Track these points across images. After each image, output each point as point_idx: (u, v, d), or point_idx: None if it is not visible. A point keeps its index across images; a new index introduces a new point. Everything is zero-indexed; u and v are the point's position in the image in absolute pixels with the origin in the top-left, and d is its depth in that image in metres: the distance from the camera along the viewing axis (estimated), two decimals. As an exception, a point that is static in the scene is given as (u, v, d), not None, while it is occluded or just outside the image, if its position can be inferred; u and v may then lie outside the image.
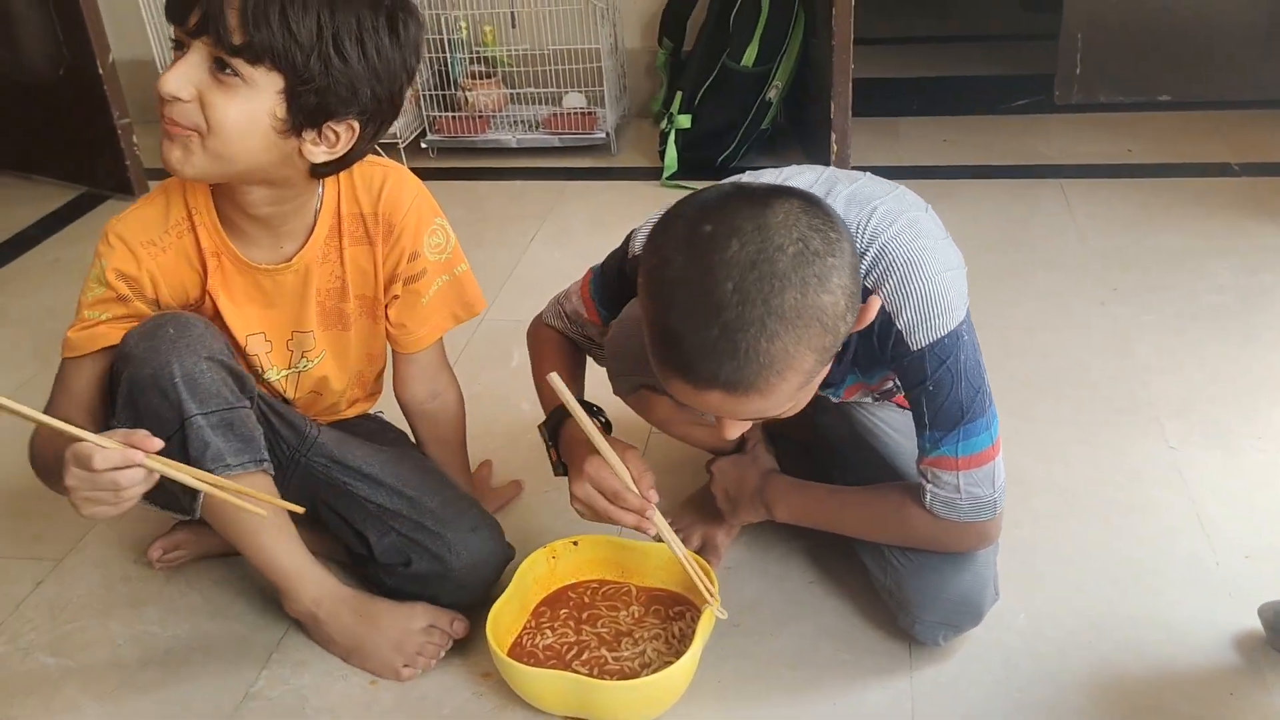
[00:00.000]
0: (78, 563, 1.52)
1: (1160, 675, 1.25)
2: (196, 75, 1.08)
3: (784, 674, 1.28)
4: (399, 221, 1.29)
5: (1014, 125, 2.86)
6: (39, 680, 1.33)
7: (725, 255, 0.95)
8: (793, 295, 0.94)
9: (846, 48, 2.34)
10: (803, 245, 0.95)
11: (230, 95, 1.08)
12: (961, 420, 1.13)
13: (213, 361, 1.19)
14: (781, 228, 0.96)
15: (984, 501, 1.17)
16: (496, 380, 1.40)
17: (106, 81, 2.53)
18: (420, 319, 1.37)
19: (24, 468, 1.71)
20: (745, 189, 1.01)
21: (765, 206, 0.97)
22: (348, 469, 1.34)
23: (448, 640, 1.31)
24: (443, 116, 2.83)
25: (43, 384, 1.93)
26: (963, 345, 1.12)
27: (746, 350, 0.95)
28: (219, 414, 1.18)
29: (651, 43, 2.95)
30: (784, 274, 0.94)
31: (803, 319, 0.95)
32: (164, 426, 1.16)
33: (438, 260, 1.34)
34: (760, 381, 0.97)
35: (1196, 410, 1.69)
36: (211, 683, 1.32)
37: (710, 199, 1.00)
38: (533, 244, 2.37)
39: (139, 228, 1.22)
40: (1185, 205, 2.35)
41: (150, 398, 1.16)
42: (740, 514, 1.39)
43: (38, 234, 2.53)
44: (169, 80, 1.08)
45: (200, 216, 1.22)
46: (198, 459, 1.17)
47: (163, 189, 1.24)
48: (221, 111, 1.09)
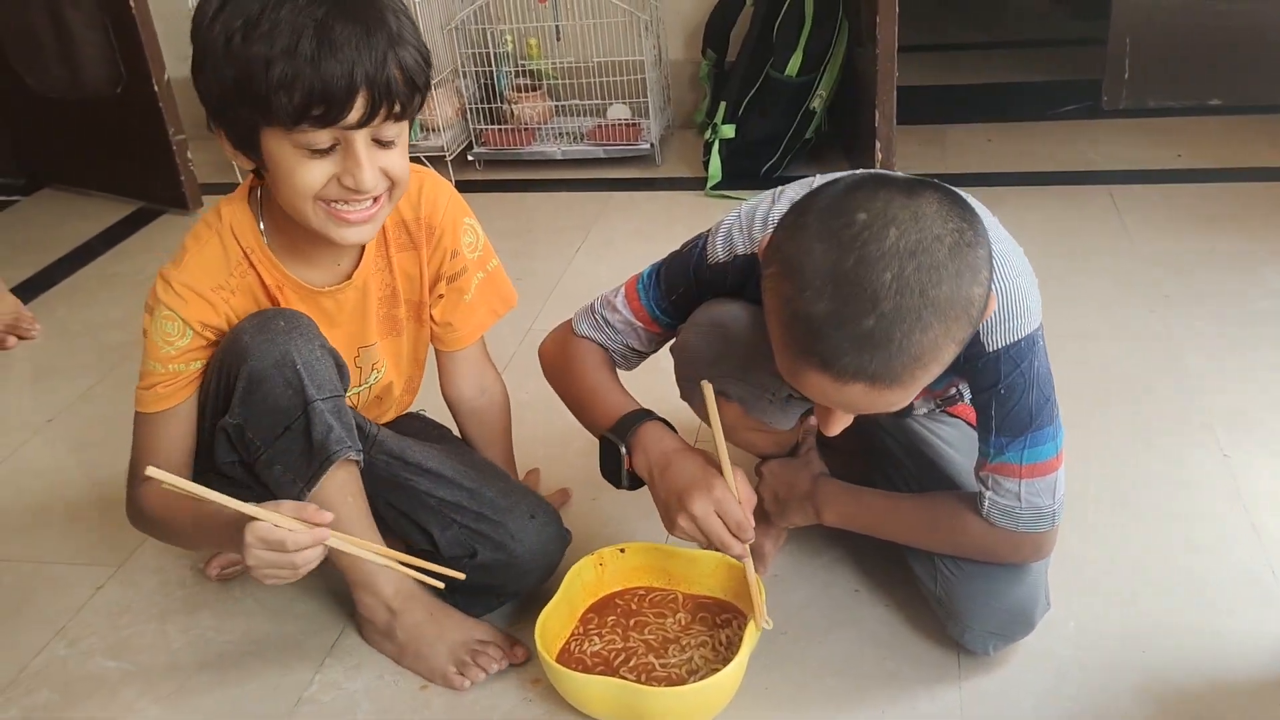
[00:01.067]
0: (135, 569, 1.55)
1: (1213, 687, 1.23)
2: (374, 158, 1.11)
3: (830, 682, 1.28)
4: (439, 222, 1.32)
5: (1061, 131, 2.84)
6: (99, 683, 1.36)
7: (884, 245, 0.93)
8: (949, 286, 0.93)
9: (890, 55, 2.33)
10: (958, 236, 0.94)
11: (397, 150, 1.14)
12: (1029, 427, 1.13)
13: (324, 349, 1.22)
14: (937, 218, 0.94)
15: (1044, 512, 1.17)
16: (543, 389, 1.41)
17: (162, 99, 2.59)
18: (464, 316, 1.39)
19: (82, 477, 1.77)
20: (888, 178, 0.99)
21: (917, 196, 0.96)
22: (409, 465, 1.35)
23: (504, 661, 1.32)
24: (489, 129, 2.86)
25: (99, 395, 1.99)
26: (1037, 351, 1.12)
27: (900, 342, 0.93)
28: (333, 400, 1.21)
29: (695, 54, 2.96)
30: (942, 265, 0.93)
31: (955, 310, 0.94)
32: (286, 414, 1.19)
33: (474, 257, 1.37)
34: (906, 374, 0.95)
35: (1250, 418, 1.67)
36: (266, 686, 1.34)
37: (858, 184, 0.98)
38: (578, 255, 2.38)
39: (203, 274, 1.21)
40: (1236, 210, 2.32)
41: (272, 386, 1.18)
42: (789, 516, 1.38)
43: (96, 248, 2.59)
44: (366, 182, 1.11)
45: (256, 255, 1.23)
46: (323, 442, 1.20)
47: (209, 230, 1.23)
48: (399, 166, 1.14)
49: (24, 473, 1.80)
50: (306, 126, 1.06)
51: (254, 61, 1.03)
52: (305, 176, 1.10)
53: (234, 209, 1.23)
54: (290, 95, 1.03)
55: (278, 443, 1.21)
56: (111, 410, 1.95)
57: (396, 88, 1.07)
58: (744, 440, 1.39)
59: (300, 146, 1.08)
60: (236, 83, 1.05)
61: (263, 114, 1.06)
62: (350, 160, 1.10)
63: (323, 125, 1.06)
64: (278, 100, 1.03)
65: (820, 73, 2.60)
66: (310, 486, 1.22)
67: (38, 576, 1.56)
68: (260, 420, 1.20)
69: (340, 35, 1.03)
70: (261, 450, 1.21)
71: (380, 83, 1.06)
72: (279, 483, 1.22)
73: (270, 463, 1.22)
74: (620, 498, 1.35)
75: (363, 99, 1.06)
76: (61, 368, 2.11)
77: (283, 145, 1.09)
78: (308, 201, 1.12)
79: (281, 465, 1.22)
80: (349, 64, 1.04)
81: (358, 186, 1.11)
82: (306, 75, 1.03)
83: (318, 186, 1.11)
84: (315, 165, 1.10)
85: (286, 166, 1.10)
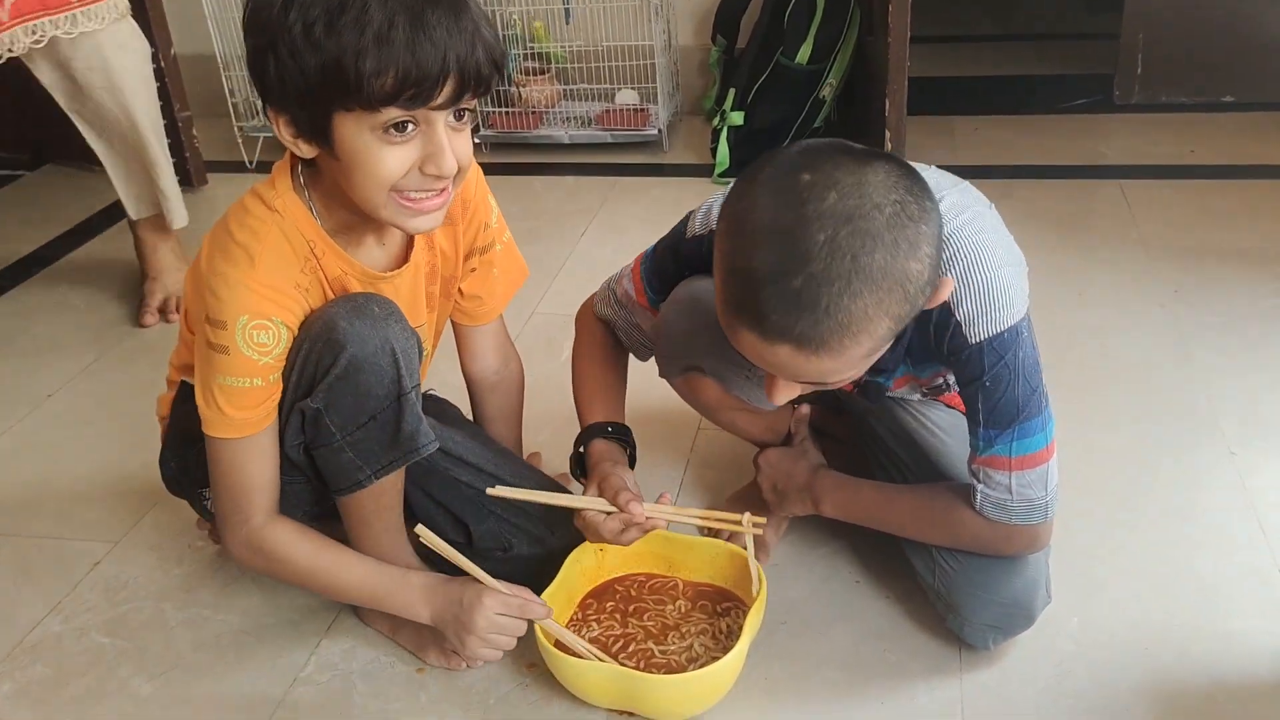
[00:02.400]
0: (133, 546, 1.54)
1: (1217, 685, 1.22)
2: (453, 140, 1.10)
3: (831, 674, 1.27)
4: (471, 195, 1.31)
5: (1073, 125, 2.82)
6: (94, 659, 1.36)
7: (821, 206, 0.93)
8: (883, 256, 0.93)
9: (902, 45, 2.31)
10: (900, 208, 0.94)
11: (466, 133, 1.12)
12: (1017, 419, 1.12)
13: (413, 336, 1.20)
14: (881, 187, 0.95)
15: (1037, 504, 1.16)
16: (548, 372, 1.40)
17: (168, 75, 2.57)
18: (492, 289, 1.39)
19: (81, 453, 1.76)
20: (846, 145, 0.99)
21: (866, 164, 0.96)
22: (449, 455, 1.32)
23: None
24: (496, 112, 2.84)
25: (100, 371, 1.98)
26: (1022, 342, 1.10)
27: (827, 306, 0.93)
28: (416, 389, 1.20)
29: (705, 40, 2.94)
30: (878, 233, 0.93)
31: (888, 281, 0.94)
32: (374, 403, 1.16)
33: (496, 227, 1.37)
34: (833, 340, 0.95)
35: (1259, 415, 1.66)
36: (262, 666, 1.33)
37: (811, 148, 0.99)
38: (584, 239, 2.37)
39: (282, 273, 1.14)
40: (1248, 207, 2.30)
41: (369, 375, 1.14)
42: (787, 507, 1.38)
43: (100, 224, 2.57)
44: (448, 166, 1.09)
45: (318, 246, 1.17)
46: (412, 434, 1.19)
47: (265, 225, 1.14)
48: (467, 151, 1.12)
49: (23, 448, 1.79)
50: (394, 109, 1.05)
51: (345, 50, 1.01)
52: (385, 164, 1.07)
53: (285, 199, 1.15)
54: (383, 80, 1.02)
55: (358, 431, 1.17)
56: (112, 386, 1.94)
57: (483, 69, 1.07)
58: (729, 421, 1.39)
59: (378, 129, 1.06)
60: (323, 71, 1.02)
61: (350, 100, 1.04)
62: (432, 145, 1.08)
63: (412, 107, 1.05)
64: (370, 86, 1.02)
65: (831, 61, 2.58)
66: (379, 476, 1.20)
67: (35, 551, 1.55)
68: (346, 407, 1.15)
69: (432, 19, 1.03)
70: (336, 438, 1.17)
71: (470, 65, 1.05)
72: (341, 468, 1.19)
73: (341, 449, 1.18)
74: (622, 483, 1.35)
75: (452, 81, 1.05)
76: (63, 343, 2.10)
77: (361, 131, 1.06)
78: (383, 191, 1.09)
79: (354, 453, 1.18)
80: (442, 47, 1.03)
81: (440, 171, 1.08)
82: (401, 60, 1.02)
83: (398, 175, 1.08)
84: (395, 153, 1.07)
85: (365, 154, 1.07)
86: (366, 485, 1.21)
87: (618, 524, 1.21)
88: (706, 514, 1.28)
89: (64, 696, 1.31)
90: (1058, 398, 1.16)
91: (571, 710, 1.24)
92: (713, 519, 1.28)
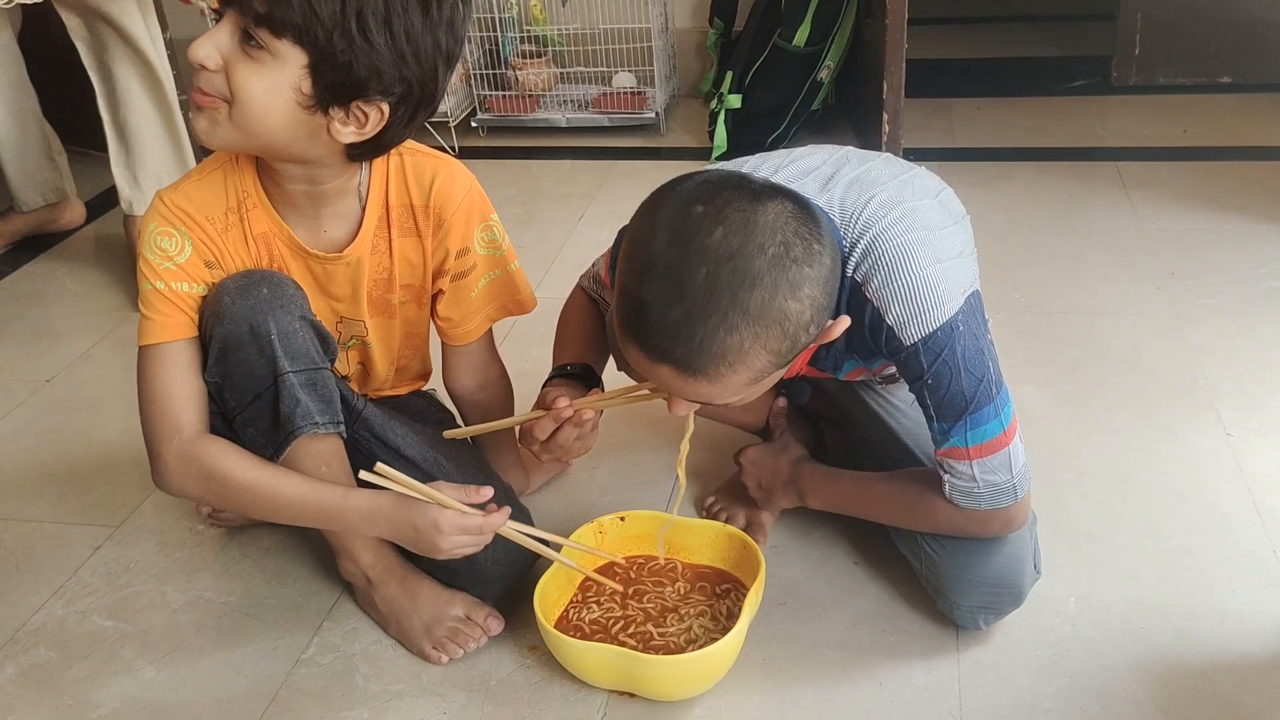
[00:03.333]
0: (135, 529, 1.55)
1: (1213, 665, 1.23)
2: (225, 45, 1.08)
3: (829, 654, 1.28)
4: (449, 216, 1.28)
5: (1070, 107, 2.81)
6: (96, 642, 1.36)
7: (707, 241, 0.96)
8: (760, 295, 0.96)
9: (900, 27, 2.30)
10: (783, 250, 0.97)
11: (255, 67, 1.08)
12: (967, 410, 1.12)
13: (304, 321, 1.20)
14: (768, 228, 0.97)
15: (1003, 488, 1.16)
16: (544, 356, 1.41)
17: (164, 58, 2.56)
18: (468, 312, 1.36)
19: (81, 437, 1.76)
20: (745, 180, 1.02)
21: (758, 202, 0.98)
22: (387, 447, 1.34)
23: (481, 635, 1.31)
24: (493, 95, 2.83)
25: (98, 356, 1.98)
26: (959, 336, 1.10)
27: (703, 339, 0.97)
28: (306, 373, 1.20)
29: (702, 22, 2.93)
30: (758, 273, 0.96)
31: (765, 320, 0.97)
32: (256, 383, 1.18)
33: (488, 256, 1.33)
34: (710, 369, 0.99)
35: (1254, 397, 1.66)
36: (264, 648, 1.34)
37: (709, 181, 1.01)
38: (581, 223, 2.37)
39: (198, 203, 1.20)
40: (1244, 189, 2.30)
41: (245, 354, 1.18)
42: (774, 502, 1.40)
43: (96, 208, 2.57)
44: (197, 48, 1.08)
45: (251, 199, 1.22)
46: (289, 416, 1.19)
47: (215, 163, 1.22)
48: (244, 81, 1.08)
49: (23, 432, 1.80)
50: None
51: None
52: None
53: (245, 155, 1.21)
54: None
55: (250, 408, 1.20)
56: (111, 371, 1.94)
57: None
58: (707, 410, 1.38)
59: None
60: None
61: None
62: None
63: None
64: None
65: (829, 43, 2.58)
66: (278, 455, 1.21)
67: (36, 536, 1.55)
68: (235, 383, 1.19)
69: None
70: (237, 411, 1.21)
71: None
72: (254, 445, 1.22)
73: (244, 425, 1.21)
74: (620, 467, 1.36)
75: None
76: (61, 328, 2.10)
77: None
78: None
79: (254, 429, 1.21)
80: None
81: (189, 52, 1.08)
82: None
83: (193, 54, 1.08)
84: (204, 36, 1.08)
85: None
86: (277, 462, 1.22)
87: (548, 423, 1.21)
88: (626, 393, 1.24)
89: (67, 679, 1.32)
90: (1053, 378, 1.17)
91: (572, 691, 1.25)
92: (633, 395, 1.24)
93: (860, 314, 1.12)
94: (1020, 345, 1.80)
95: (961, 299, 1.11)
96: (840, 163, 1.19)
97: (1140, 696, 1.20)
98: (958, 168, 2.44)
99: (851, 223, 1.11)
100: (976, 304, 1.14)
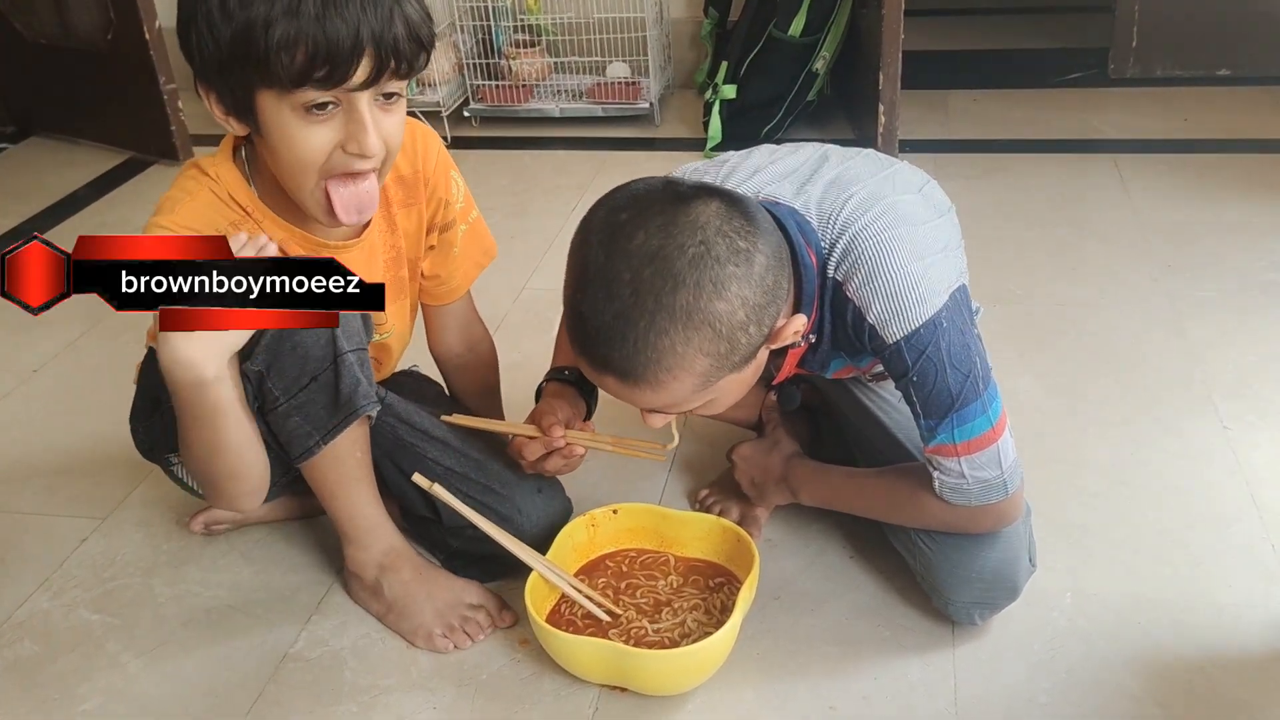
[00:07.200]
0: (121, 522, 1.53)
1: (1212, 659, 1.22)
2: (378, 119, 1.07)
3: (824, 649, 1.27)
4: (432, 173, 1.29)
5: (1067, 99, 2.80)
6: (82, 636, 1.35)
7: (629, 246, 0.97)
8: (685, 296, 0.96)
9: (897, 18, 2.29)
10: (704, 249, 0.96)
11: (396, 111, 1.10)
12: (953, 407, 1.11)
13: None
14: (689, 228, 0.97)
15: (993, 484, 1.15)
16: (537, 348, 1.40)
17: (153, 47, 2.54)
18: (453, 268, 1.37)
19: (68, 429, 1.74)
20: (674, 185, 1.02)
21: (682, 204, 0.99)
22: (415, 430, 1.33)
23: (491, 625, 1.30)
24: (486, 85, 2.81)
25: (86, 346, 1.96)
26: (943, 333, 1.09)
27: (635, 341, 0.97)
28: (358, 352, 1.19)
29: (696, 12, 2.91)
30: (678, 274, 0.96)
31: (693, 321, 0.96)
32: (313, 365, 1.16)
33: (460, 207, 1.35)
34: (649, 375, 0.99)
35: (1251, 390, 1.65)
36: (251, 642, 1.32)
37: (638, 189, 1.02)
38: (574, 214, 2.35)
39: (202, 221, 1.14)
40: (1242, 182, 2.29)
41: (305, 335, 1.15)
42: (768, 499, 1.39)
43: (85, 197, 2.55)
44: (373, 143, 1.06)
45: (254, 213, 1.18)
46: (350, 395, 1.18)
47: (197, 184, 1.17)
48: (396, 132, 1.10)
49: (9, 423, 1.78)
50: (310, 90, 1.03)
51: (254, 21, 0.99)
52: (306, 143, 1.06)
53: (220, 168, 1.17)
54: (292, 55, 1.00)
55: (301, 394, 1.17)
56: (98, 361, 1.92)
57: (402, 45, 1.04)
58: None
59: (298, 108, 1.04)
60: (234, 41, 1.01)
61: (261, 75, 1.02)
62: (354, 122, 1.06)
63: (326, 87, 1.03)
64: (278, 61, 1.00)
65: (824, 34, 2.56)
66: (327, 440, 1.19)
67: (21, 527, 1.54)
68: (285, 369, 1.16)
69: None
70: (280, 401, 1.17)
71: (387, 41, 1.02)
72: (293, 435, 1.19)
73: (288, 414, 1.18)
74: (612, 459, 1.34)
75: (368, 58, 1.02)
76: (48, 318, 2.05)
77: (281, 109, 1.04)
78: (311, 175, 1.08)
79: (300, 417, 1.19)
80: (354, 22, 1.00)
81: (362, 150, 1.06)
82: (310, 34, 0.99)
83: (320, 156, 1.07)
84: (316, 131, 1.05)
85: (286, 133, 1.06)
86: (318, 452, 1.20)
87: (539, 447, 1.24)
88: (619, 440, 1.29)
89: (52, 672, 1.30)
90: (1048, 371, 1.15)
91: (564, 686, 1.24)
92: (626, 445, 1.29)
93: (843, 313, 1.11)
94: (1016, 338, 1.78)
95: (945, 295, 1.10)
96: (819, 162, 1.18)
97: (1136, 691, 1.19)
98: (954, 159, 2.43)
99: (830, 223, 1.10)
100: (963, 299, 1.13)
